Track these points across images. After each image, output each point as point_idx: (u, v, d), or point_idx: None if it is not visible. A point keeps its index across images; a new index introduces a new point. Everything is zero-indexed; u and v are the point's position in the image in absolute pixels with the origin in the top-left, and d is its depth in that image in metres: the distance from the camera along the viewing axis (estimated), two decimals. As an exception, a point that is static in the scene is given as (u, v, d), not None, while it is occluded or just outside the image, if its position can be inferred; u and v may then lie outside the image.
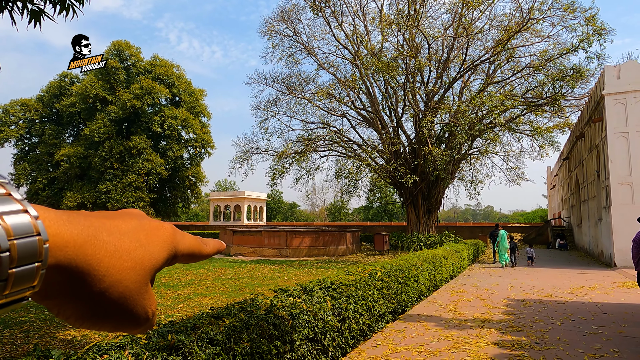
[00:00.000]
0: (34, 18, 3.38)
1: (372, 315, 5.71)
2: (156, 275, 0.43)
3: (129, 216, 0.42)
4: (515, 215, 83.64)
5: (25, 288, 0.30)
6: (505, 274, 13.18)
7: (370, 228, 36.86)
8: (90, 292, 0.34)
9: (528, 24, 18.17)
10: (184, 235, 0.46)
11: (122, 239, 0.38)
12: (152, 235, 0.41)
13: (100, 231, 0.36)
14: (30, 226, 0.30)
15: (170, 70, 38.11)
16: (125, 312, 0.38)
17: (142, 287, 0.39)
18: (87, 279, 0.34)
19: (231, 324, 3.28)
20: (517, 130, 21.26)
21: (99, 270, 0.34)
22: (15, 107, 38.33)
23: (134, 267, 0.38)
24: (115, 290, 0.36)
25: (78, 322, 0.37)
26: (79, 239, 0.33)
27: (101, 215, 0.39)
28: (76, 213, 0.36)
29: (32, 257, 0.29)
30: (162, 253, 0.41)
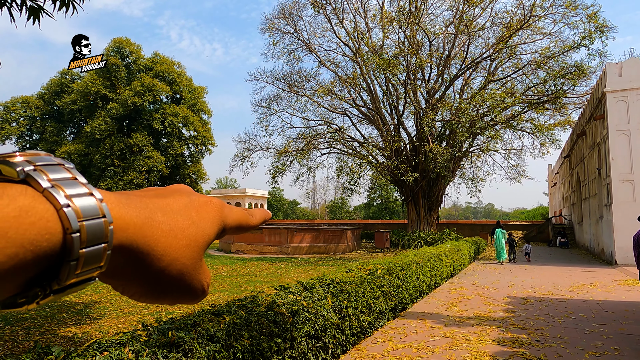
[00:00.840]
0: (33, 15, 3.37)
1: (373, 312, 5.71)
2: (209, 271, 0.44)
3: (179, 193, 0.43)
4: (516, 213, 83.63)
5: (94, 268, 0.31)
6: (506, 271, 13.17)
7: (371, 225, 36.86)
8: (151, 271, 0.36)
9: (530, 21, 18.11)
10: (231, 208, 0.47)
11: (176, 217, 0.39)
12: (202, 211, 0.42)
13: (154, 212, 0.37)
14: (97, 208, 0.31)
15: (171, 68, 38.06)
16: (184, 287, 0.39)
17: (197, 263, 0.40)
18: (147, 258, 0.35)
19: (231, 321, 3.28)
20: (518, 128, 21.22)
21: (157, 250, 0.36)
22: (16, 104, 38.33)
23: (188, 245, 0.39)
24: (174, 268, 0.38)
25: (142, 299, 0.39)
26: (138, 221, 0.35)
27: (153, 194, 0.40)
28: (132, 194, 0.37)
29: (99, 238, 0.30)
30: (213, 228, 0.42)
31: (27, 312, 7.17)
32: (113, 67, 35.65)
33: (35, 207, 0.28)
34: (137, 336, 2.75)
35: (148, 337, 2.78)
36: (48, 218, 0.28)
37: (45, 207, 0.28)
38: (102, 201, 0.32)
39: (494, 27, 20.92)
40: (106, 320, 6.69)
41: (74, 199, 0.30)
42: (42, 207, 0.28)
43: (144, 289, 0.38)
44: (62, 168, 0.32)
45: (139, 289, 0.37)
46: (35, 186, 0.29)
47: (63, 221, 0.29)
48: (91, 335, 5.82)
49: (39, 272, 0.29)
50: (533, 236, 29.16)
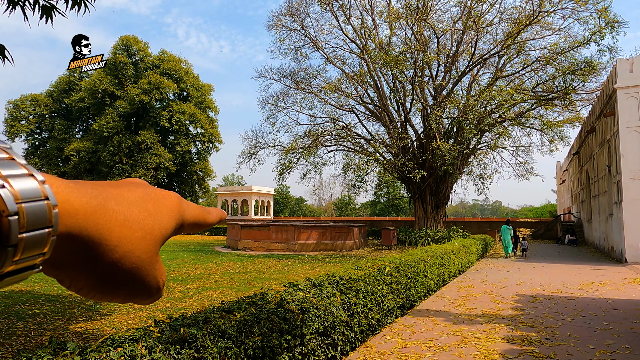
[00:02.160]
0: (45, 13, 3.40)
1: (381, 310, 5.72)
2: (164, 269, 0.41)
3: (134, 185, 0.41)
4: (523, 211, 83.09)
5: (36, 254, 0.29)
6: (514, 269, 13.11)
7: (378, 223, 36.83)
8: (103, 263, 0.34)
9: (539, 16, 17.93)
10: (189, 204, 0.45)
11: (131, 208, 0.37)
12: (160, 204, 0.40)
13: (108, 200, 0.35)
14: (38, 190, 0.28)
15: (178, 65, 38.22)
16: (137, 283, 0.37)
17: (153, 257, 0.38)
18: (99, 249, 0.33)
19: (242, 317, 3.30)
20: (526, 125, 21.06)
21: (110, 240, 0.34)
22: (25, 102, 38.72)
23: (144, 237, 0.37)
24: (128, 261, 0.35)
25: (91, 294, 0.36)
26: (89, 207, 0.32)
27: (107, 184, 0.38)
28: (83, 182, 0.34)
29: (42, 222, 0.28)
30: (171, 222, 0.41)
31: (38, 308, 7.27)
32: (120, 65, 35.88)
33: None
34: (149, 332, 2.78)
35: (160, 333, 2.81)
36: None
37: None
38: (45, 183, 0.29)
39: (502, 23, 20.76)
40: (116, 316, 6.76)
41: (11, 180, 0.27)
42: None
43: (94, 283, 0.35)
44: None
45: (88, 282, 0.35)
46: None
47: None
48: (102, 330, 5.88)
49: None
50: (541, 234, 28.97)
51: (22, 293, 8.56)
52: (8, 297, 8.09)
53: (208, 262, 14.69)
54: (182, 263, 14.44)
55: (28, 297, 8.19)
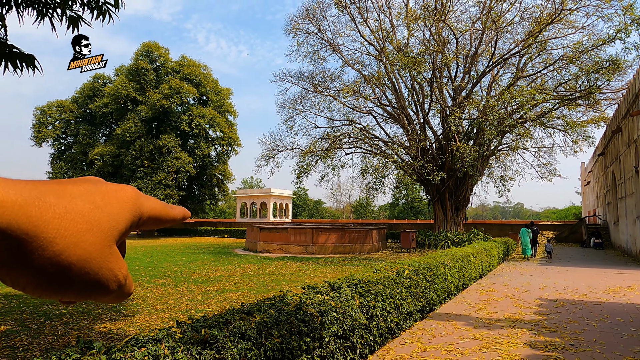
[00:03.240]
0: (72, 24, 3.52)
1: (400, 313, 5.69)
2: (125, 264, 0.40)
3: (83, 181, 0.39)
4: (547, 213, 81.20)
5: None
6: (537, 273, 12.83)
7: (397, 225, 36.56)
8: (42, 258, 0.32)
9: (561, 14, 17.56)
10: (149, 198, 0.44)
11: (74, 201, 0.35)
12: (110, 197, 0.39)
13: (46, 194, 0.33)
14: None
15: (198, 70, 38.83)
16: (89, 275, 0.36)
17: (105, 250, 0.37)
18: (35, 242, 0.31)
19: (262, 319, 3.34)
20: (549, 125, 20.62)
21: (48, 232, 0.32)
22: (52, 108, 39.93)
23: (90, 229, 0.35)
24: (72, 253, 0.34)
25: (37, 291, 0.34)
26: (19, 199, 0.31)
27: (50, 181, 0.37)
28: (18, 180, 0.33)
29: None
30: (123, 214, 0.39)
31: (65, 308, 7.48)
32: (142, 71, 36.68)
33: None
34: (172, 333, 2.84)
35: (182, 334, 2.87)
36: None
37: None
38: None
39: (523, 22, 20.40)
40: (139, 317, 6.91)
41: None
42: None
43: (37, 280, 0.33)
44: None
45: (30, 278, 0.33)
46: None
47: None
48: (125, 331, 6.02)
49: None
50: (565, 237, 28.26)
51: (49, 293, 8.83)
52: (36, 298, 8.35)
53: (227, 264, 14.85)
54: (202, 265, 14.64)
55: (55, 297, 8.44)
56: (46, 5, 3.44)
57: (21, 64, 3.39)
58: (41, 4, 3.44)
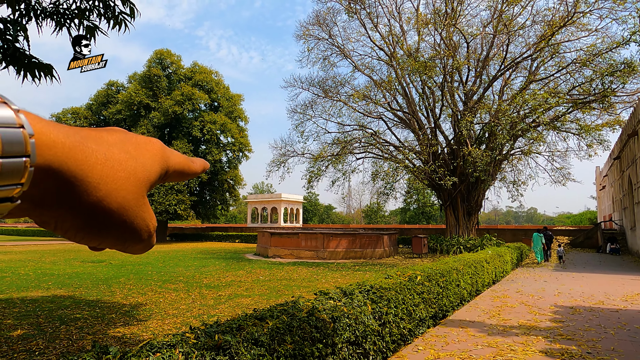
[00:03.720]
0: (89, 33, 3.60)
1: (413, 319, 5.64)
2: (154, 214, 0.41)
3: (113, 130, 0.40)
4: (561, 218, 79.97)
5: (13, 184, 0.27)
6: (552, 279, 12.63)
7: (408, 230, 36.34)
8: (87, 201, 0.33)
9: (574, 17, 17.39)
10: (172, 151, 0.45)
11: (111, 149, 0.36)
12: (142, 148, 0.40)
13: (87, 139, 0.34)
14: (13, 117, 0.27)
15: (209, 77, 39.24)
16: (126, 223, 0.36)
17: (140, 199, 0.37)
18: (81, 185, 0.32)
19: (275, 325, 3.35)
20: (562, 129, 20.36)
21: (92, 177, 0.32)
22: (67, 115, 40.68)
23: (127, 178, 0.36)
24: (113, 200, 0.34)
25: (79, 235, 0.35)
26: (67, 142, 0.31)
27: (86, 128, 0.37)
28: (60, 124, 0.33)
29: (18, 150, 0.27)
30: (154, 165, 0.40)
31: (79, 312, 7.57)
32: (155, 78, 37.20)
33: None
34: (186, 338, 2.86)
35: (196, 339, 2.89)
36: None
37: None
38: (20, 112, 0.28)
39: (534, 26, 20.25)
40: (152, 321, 6.96)
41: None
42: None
43: (81, 222, 0.34)
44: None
45: (75, 221, 0.34)
46: None
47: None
48: (139, 336, 6.07)
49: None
50: (580, 242, 27.80)
51: (64, 298, 8.95)
52: (52, 302, 8.48)
53: (239, 270, 14.90)
54: (214, 270, 14.71)
55: (70, 302, 8.55)
56: (64, 16, 3.52)
57: (39, 74, 3.47)
58: (59, 15, 3.52)
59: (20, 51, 3.38)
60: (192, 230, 44.57)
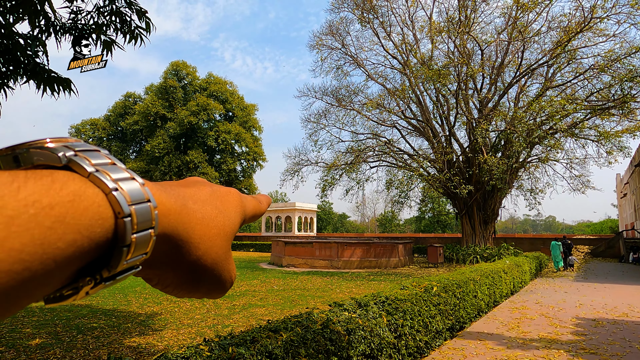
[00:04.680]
0: (107, 47, 3.67)
1: (429, 331, 5.54)
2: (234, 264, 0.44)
3: (201, 184, 0.42)
4: (580, 226, 78.22)
5: (140, 254, 0.30)
6: (573, 289, 12.30)
7: (423, 239, 35.95)
8: (189, 260, 0.35)
9: (590, 23, 17.14)
10: (246, 197, 0.47)
11: (205, 207, 0.38)
12: (226, 201, 0.42)
13: (187, 199, 0.36)
14: (142, 193, 0.30)
15: (224, 87, 39.77)
16: (216, 277, 0.39)
17: (227, 252, 0.40)
18: (186, 246, 0.34)
19: (289, 338, 3.31)
20: (580, 136, 19.97)
21: (194, 238, 0.35)
22: (85, 126, 41.62)
23: (219, 234, 0.38)
24: (209, 257, 0.37)
25: (175, 290, 0.37)
26: (177, 207, 0.34)
27: (178, 184, 0.39)
28: (163, 183, 0.36)
29: (147, 223, 0.29)
30: (237, 217, 0.42)
31: (96, 322, 7.64)
32: (171, 89, 37.86)
33: (86, 191, 0.26)
34: (199, 351, 2.85)
35: (210, 352, 2.87)
36: (99, 202, 0.27)
37: (95, 191, 0.27)
38: (144, 185, 0.31)
39: (550, 32, 20.01)
40: (167, 331, 6.98)
41: (120, 183, 0.29)
42: (91, 192, 0.27)
43: (180, 280, 0.37)
44: (99, 154, 0.30)
45: (175, 279, 0.36)
46: (80, 171, 0.27)
47: (113, 205, 0.27)
48: (154, 345, 6.08)
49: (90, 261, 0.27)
50: (602, 251, 27.10)
51: (81, 307, 9.06)
52: (69, 311, 8.58)
53: (253, 279, 14.90)
54: (229, 279, 14.72)
55: (87, 311, 8.65)
56: (82, 31, 3.60)
57: (58, 87, 3.55)
58: (78, 30, 3.60)
59: (40, 66, 3.46)
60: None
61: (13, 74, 3.45)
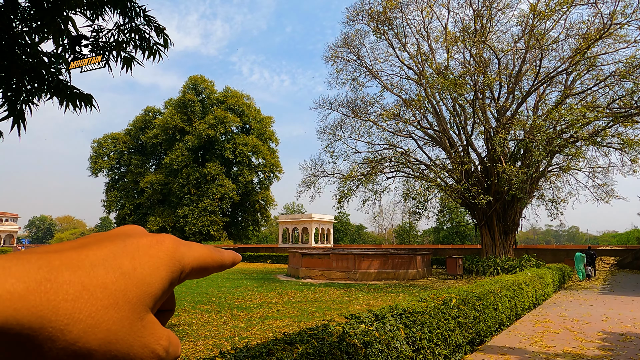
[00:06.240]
0: (126, 64, 3.78)
1: (449, 345, 5.42)
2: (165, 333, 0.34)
3: (111, 238, 0.34)
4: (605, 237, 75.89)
5: None
6: (598, 302, 11.90)
7: (442, 251, 35.41)
8: (53, 350, 0.27)
9: (610, 29, 16.83)
10: (191, 245, 0.38)
11: (94, 271, 0.30)
12: (142, 256, 0.33)
13: (59, 270, 0.28)
14: None
15: (241, 100, 40.36)
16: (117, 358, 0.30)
17: (134, 325, 0.31)
18: (43, 334, 0.26)
19: (304, 350, 3.29)
20: (603, 144, 19.48)
21: (57, 321, 0.26)
22: (107, 140, 42.68)
23: (114, 304, 0.30)
24: (91, 338, 0.28)
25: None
26: (18, 288, 0.25)
27: (69, 246, 0.32)
28: (28, 252, 0.29)
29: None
30: (158, 274, 0.33)
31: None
32: (189, 103, 38.62)
33: None
34: (215, 363, 2.85)
35: (226, 364, 2.87)
36: None
37: None
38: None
39: (568, 39, 19.71)
40: (184, 343, 7.01)
41: None
42: None
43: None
44: None
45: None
46: None
47: None
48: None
49: None
50: (628, 262, 26.22)
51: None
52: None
53: (270, 291, 14.88)
54: (245, 291, 14.76)
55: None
56: (104, 49, 3.73)
57: (80, 103, 3.66)
58: (99, 48, 3.73)
59: (63, 83, 3.58)
60: (224, 251, 45.03)
61: (37, 90, 3.57)
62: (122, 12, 3.75)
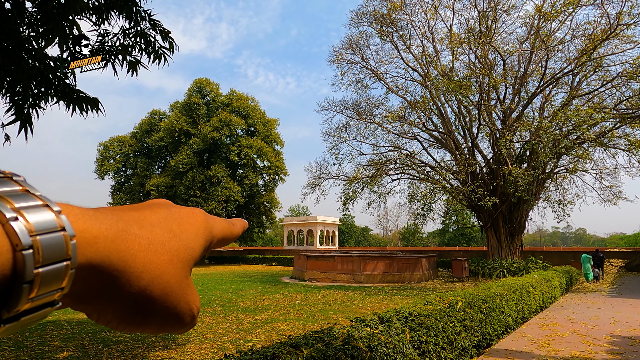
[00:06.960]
0: (132, 68, 3.80)
1: (455, 349, 5.38)
2: (198, 294, 0.39)
3: (157, 206, 0.39)
4: (613, 239, 75.19)
5: (53, 290, 0.27)
6: (606, 305, 11.78)
7: (447, 253, 35.26)
8: (130, 292, 0.32)
9: (616, 30, 16.73)
10: (215, 218, 0.44)
11: (154, 230, 0.35)
12: (185, 223, 0.38)
13: (130, 224, 0.33)
14: (54, 221, 0.27)
15: (246, 103, 40.45)
16: (169, 310, 0.35)
17: (183, 281, 0.36)
18: (124, 277, 0.31)
19: (309, 354, 3.27)
20: (610, 145, 19.33)
21: (135, 267, 0.32)
22: (113, 143, 42.92)
23: (171, 260, 0.35)
24: (157, 287, 0.33)
25: (120, 326, 0.34)
26: (110, 234, 0.30)
27: (128, 208, 0.36)
28: (103, 208, 0.33)
29: (59, 254, 0.26)
30: (198, 241, 0.39)
31: (121, 335, 7.75)
32: (195, 106, 38.78)
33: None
34: (220, 366, 2.84)
35: (231, 367, 2.86)
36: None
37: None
38: (61, 213, 0.27)
39: (574, 40, 19.61)
40: (190, 345, 7.02)
41: (25, 212, 0.26)
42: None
43: (123, 314, 0.33)
44: (9, 181, 0.27)
45: (116, 313, 0.33)
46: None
47: (10, 236, 0.24)
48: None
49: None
50: (637, 265, 25.97)
51: (107, 321, 9.21)
52: (95, 324, 8.74)
53: (275, 293, 14.87)
54: (251, 294, 14.76)
55: (112, 324, 8.79)
56: (109, 53, 3.75)
57: (86, 107, 3.68)
58: (105, 52, 3.75)
59: (69, 87, 3.60)
60: (229, 253, 45.24)
61: (44, 94, 3.60)
62: (127, 16, 3.78)
